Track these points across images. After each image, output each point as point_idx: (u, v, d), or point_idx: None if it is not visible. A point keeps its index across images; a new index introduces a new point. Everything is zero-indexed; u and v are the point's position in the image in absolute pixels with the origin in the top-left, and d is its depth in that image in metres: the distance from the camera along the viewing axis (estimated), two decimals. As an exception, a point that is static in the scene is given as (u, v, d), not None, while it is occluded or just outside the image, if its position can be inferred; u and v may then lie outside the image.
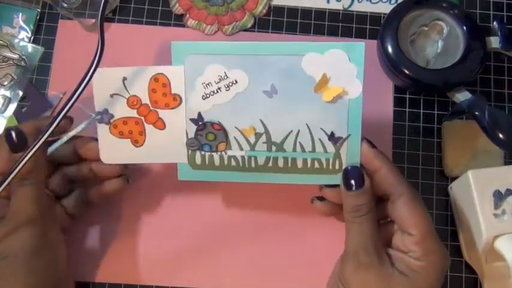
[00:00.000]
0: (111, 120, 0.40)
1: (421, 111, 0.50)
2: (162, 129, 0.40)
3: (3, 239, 0.36)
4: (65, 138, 0.39)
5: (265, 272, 0.46)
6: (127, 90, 0.40)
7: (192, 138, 0.40)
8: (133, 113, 0.40)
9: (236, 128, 0.39)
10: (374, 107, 0.50)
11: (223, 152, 0.40)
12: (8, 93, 0.49)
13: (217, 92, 0.39)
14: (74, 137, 0.40)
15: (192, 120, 0.39)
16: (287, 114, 0.39)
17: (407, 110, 0.50)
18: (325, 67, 0.38)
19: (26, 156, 0.36)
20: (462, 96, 0.47)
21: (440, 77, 0.46)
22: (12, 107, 0.49)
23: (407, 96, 0.50)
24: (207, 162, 0.40)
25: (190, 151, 0.40)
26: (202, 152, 0.40)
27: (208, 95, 0.39)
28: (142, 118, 0.40)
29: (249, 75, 0.38)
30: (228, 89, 0.39)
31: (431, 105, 0.50)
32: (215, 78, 0.39)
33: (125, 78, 0.40)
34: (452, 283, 0.46)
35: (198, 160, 0.40)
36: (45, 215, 0.38)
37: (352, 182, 0.38)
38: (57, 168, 0.42)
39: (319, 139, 0.39)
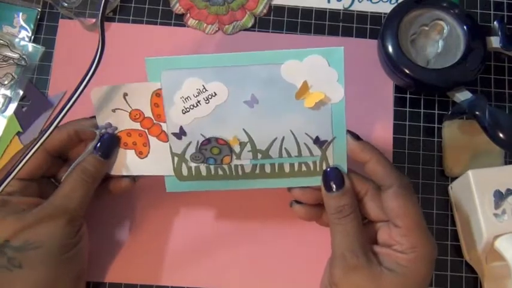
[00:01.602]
0: (115, 132, 0.40)
1: (422, 110, 0.50)
2: (166, 142, 0.40)
3: (38, 227, 0.36)
4: (74, 164, 0.39)
5: (265, 272, 0.46)
6: (129, 105, 0.40)
7: (196, 153, 0.39)
8: (136, 126, 0.40)
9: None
10: (374, 107, 0.50)
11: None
12: (8, 93, 0.49)
13: (197, 105, 0.38)
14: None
15: (174, 134, 0.39)
16: (270, 122, 0.38)
17: (407, 109, 0.50)
18: (305, 74, 0.37)
19: (26, 155, 0.36)
20: (462, 96, 0.47)
21: (440, 77, 0.46)
22: (13, 106, 0.49)
23: (408, 96, 0.50)
24: (193, 173, 0.40)
25: (176, 163, 0.40)
26: (206, 165, 0.40)
27: (188, 109, 0.38)
28: (146, 130, 0.40)
29: (228, 86, 0.38)
30: (207, 101, 0.38)
31: (431, 105, 0.50)
32: (193, 92, 0.38)
33: (125, 94, 0.39)
34: (453, 283, 0.46)
35: (185, 172, 0.40)
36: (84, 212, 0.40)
37: (332, 183, 0.38)
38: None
39: (305, 143, 0.39)
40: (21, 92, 0.49)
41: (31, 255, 0.36)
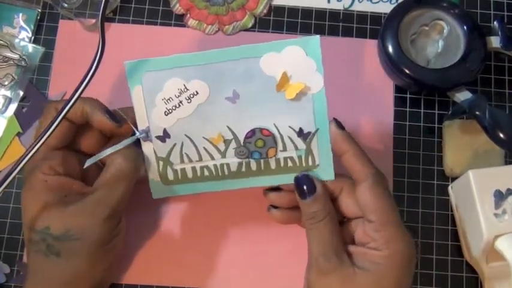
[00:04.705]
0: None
1: (422, 111, 0.50)
2: None
3: (80, 219, 0.37)
4: (102, 154, 0.38)
5: (262, 272, 0.46)
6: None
7: (241, 147, 0.39)
8: None
9: (204, 138, 0.39)
10: (374, 107, 0.50)
11: (195, 164, 0.39)
12: (8, 93, 0.49)
13: (179, 105, 0.38)
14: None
15: (157, 137, 0.39)
16: (253, 117, 0.38)
17: (407, 109, 0.50)
18: (284, 65, 0.37)
19: (28, 153, 0.36)
20: (463, 95, 0.47)
21: (440, 77, 0.46)
22: (13, 107, 0.49)
23: (408, 96, 0.50)
24: (179, 176, 0.40)
25: (161, 168, 0.39)
26: (251, 160, 0.39)
27: (170, 110, 0.38)
28: None
29: (208, 84, 0.38)
30: (189, 101, 0.38)
31: (431, 105, 0.50)
32: (175, 92, 0.38)
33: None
34: (453, 283, 0.46)
35: (170, 176, 0.40)
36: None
37: (305, 189, 0.38)
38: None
39: (289, 137, 0.39)
40: (21, 93, 0.49)
41: (70, 246, 0.36)
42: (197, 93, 0.38)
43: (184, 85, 0.38)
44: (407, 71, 0.46)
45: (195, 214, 0.47)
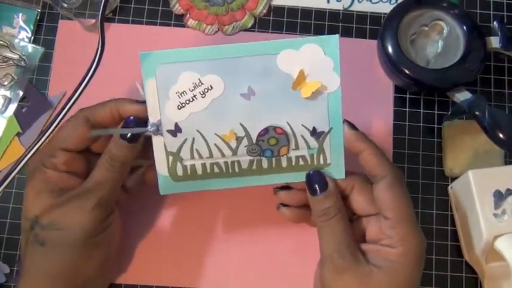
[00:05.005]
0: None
1: (421, 111, 0.50)
2: None
3: (66, 210, 0.37)
4: (109, 130, 0.38)
5: (264, 273, 0.46)
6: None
7: (253, 145, 0.39)
8: None
9: (216, 134, 0.38)
10: (374, 107, 0.50)
11: (206, 160, 0.39)
12: (8, 94, 0.49)
13: (193, 100, 0.38)
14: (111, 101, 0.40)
15: (169, 131, 0.38)
16: (267, 115, 0.38)
17: (407, 110, 0.50)
18: (301, 63, 0.37)
19: (28, 152, 0.36)
20: (462, 96, 0.47)
21: (440, 77, 0.46)
22: (13, 107, 0.49)
23: (408, 96, 0.50)
24: (189, 172, 0.39)
25: (171, 163, 0.39)
26: (263, 158, 0.39)
27: (183, 104, 0.38)
28: None
29: (224, 79, 0.37)
30: (203, 95, 0.38)
31: (431, 105, 0.50)
32: (189, 86, 0.37)
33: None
34: (453, 283, 0.46)
35: (180, 171, 0.39)
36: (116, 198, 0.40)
37: (316, 186, 0.38)
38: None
39: (302, 136, 0.39)
40: (21, 93, 0.49)
41: (54, 236, 0.37)
42: (212, 87, 0.38)
43: (199, 79, 0.37)
44: (407, 71, 0.46)
45: (195, 214, 0.47)
